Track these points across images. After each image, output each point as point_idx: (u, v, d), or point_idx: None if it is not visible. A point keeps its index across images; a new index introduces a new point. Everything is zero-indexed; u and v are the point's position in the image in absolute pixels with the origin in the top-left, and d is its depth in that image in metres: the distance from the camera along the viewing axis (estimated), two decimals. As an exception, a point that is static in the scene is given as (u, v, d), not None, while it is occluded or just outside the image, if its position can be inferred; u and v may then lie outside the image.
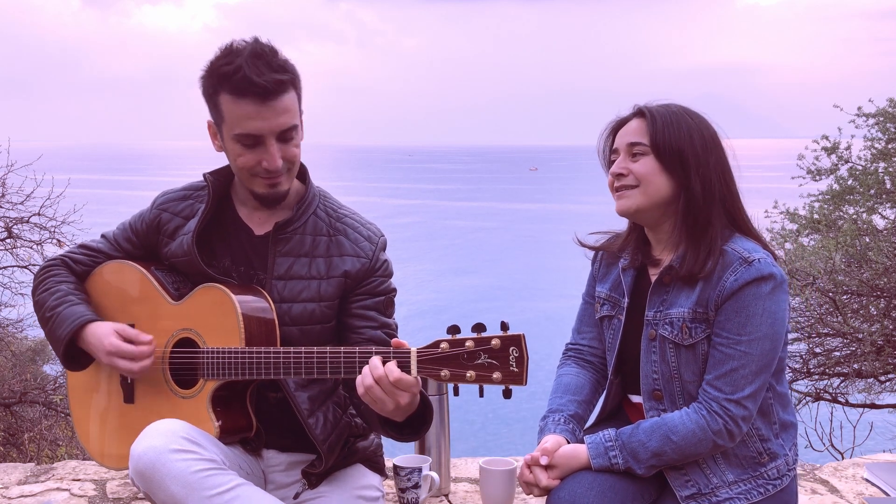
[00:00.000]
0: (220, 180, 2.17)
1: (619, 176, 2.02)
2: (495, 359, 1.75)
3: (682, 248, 1.99)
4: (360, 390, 1.82)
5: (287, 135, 2.01)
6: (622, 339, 2.10)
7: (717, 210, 1.97)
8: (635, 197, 1.99)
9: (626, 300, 2.09)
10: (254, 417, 2.10)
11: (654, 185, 1.97)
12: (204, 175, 2.17)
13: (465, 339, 1.77)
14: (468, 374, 1.76)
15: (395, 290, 2.21)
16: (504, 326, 1.76)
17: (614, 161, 2.05)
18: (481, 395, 1.80)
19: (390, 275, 2.20)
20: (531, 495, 1.97)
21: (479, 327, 1.78)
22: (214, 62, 1.98)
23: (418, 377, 1.81)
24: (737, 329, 1.88)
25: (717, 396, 1.89)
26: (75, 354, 2.14)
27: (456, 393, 1.83)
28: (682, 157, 1.96)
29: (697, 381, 1.96)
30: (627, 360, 2.10)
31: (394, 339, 1.87)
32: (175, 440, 1.85)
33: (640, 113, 2.03)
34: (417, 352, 1.80)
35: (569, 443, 1.98)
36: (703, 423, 1.89)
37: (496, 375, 1.74)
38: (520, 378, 1.75)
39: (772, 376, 1.96)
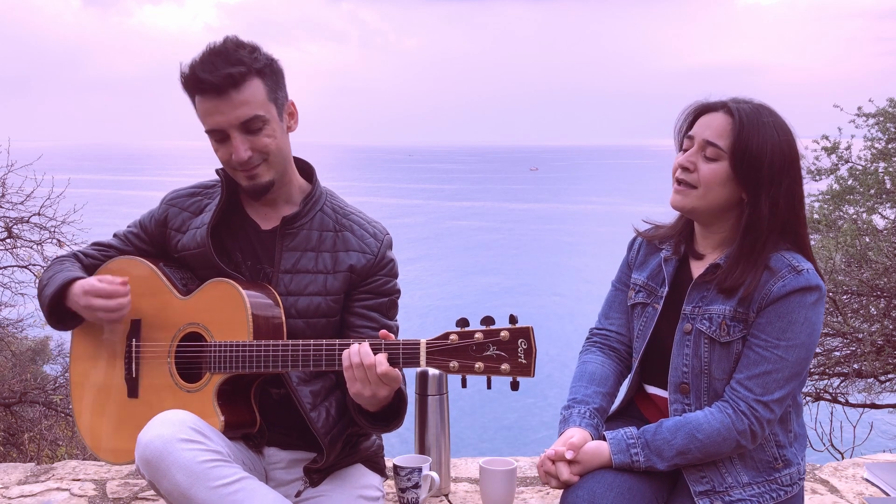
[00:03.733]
0: (230, 175, 2.20)
1: (684, 169, 1.97)
2: (504, 350, 1.78)
3: (731, 254, 1.96)
4: (344, 363, 1.87)
5: (251, 125, 2.01)
6: (654, 328, 2.08)
7: (777, 232, 1.94)
8: (692, 198, 1.96)
9: (667, 289, 2.07)
10: (257, 413, 2.12)
11: (715, 193, 1.93)
12: (217, 171, 2.20)
13: (475, 332, 1.80)
14: (477, 366, 1.79)
15: (399, 291, 2.22)
16: (512, 319, 1.79)
17: (686, 147, 1.99)
18: (489, 386, 1.83)
19: (395, 275, 2.22)
20: (548, 486, 1.97)
21: (487, 320, 1.81)
22: (182, 66, 2.04)
23: (402, 373, 1.86)
24: (777, 333, 1.88)
25: (747, 396, 1.89)
26: (62, 315, 2.17)
27: (464, 385, 1.85)
28: (758, 174, 1.89)
29: (725, 380, 1.96)
30: (655, 350, 2.09)
31: (381, 331, 1.91)
32: (183, 430, 1.86)
33: (728, 110, 1.94)
34: (427, 343, 1.83)
35: (592, 437, 1.98)
36: (728, 422, 1.89)
37: (505, 367, 1.78)
38: (528, 370, 1.78)
39: None
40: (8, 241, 6.81)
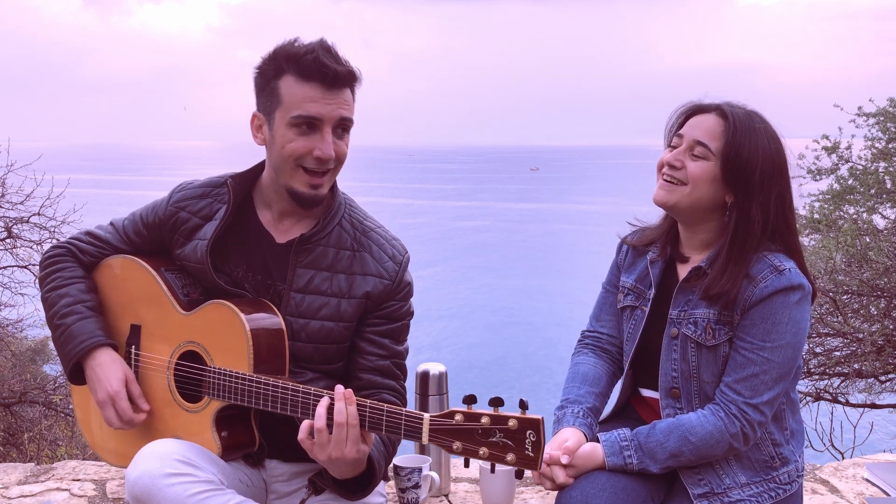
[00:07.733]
0: (241, 184, 2.12)
1: (672, 167, 1.97)
2: (511, 439, 1.67)
3: (719, 262, 1.94)
4: (317, 424, 1.78)
5: (343, 126, 2.00)
6: (643, 331, 2.08)
7: (766, 238, 1.93)
8: (678, 194, 1.95)
9: (653, 292, 2.07)
10: (257, 434, 2.07)
11: (702, 191, 1.93)
12: (227, 181, 2.12)
13: (482, 415, 1.69)
14: (481, 451, 1.68)
15: (412, 313, 2.15)
16: (523, 405, 1.70)
17: (675, 144, 1.99)
18: (493, 471, 1.74)
19: (411, 296, 2.16)
20: (543, 487, 1.96)
21: (496, 402, 1.71)
22: (282, 47, 1.98)
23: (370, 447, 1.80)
24: (762, 335, 1.88)
25: (736, 399, 1.89)
26: (79, 371, 2.11)
27: (466, 465, 1.76)
28: (748, 180, 1.90)
29: (715, 382, 1.95)
30: (645, 353, 2.08)
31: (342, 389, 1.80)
32: (170, 464, 1.82)
33: (722, 112, 1.94)
34: (430, 419, 1.73)
35: (587, 438, 1.97)
36: (720, 425, 1.88)
37: (510, 457, 1.67)
38: (534, 463, 1.66)
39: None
40: (8, 241, 6.81)
